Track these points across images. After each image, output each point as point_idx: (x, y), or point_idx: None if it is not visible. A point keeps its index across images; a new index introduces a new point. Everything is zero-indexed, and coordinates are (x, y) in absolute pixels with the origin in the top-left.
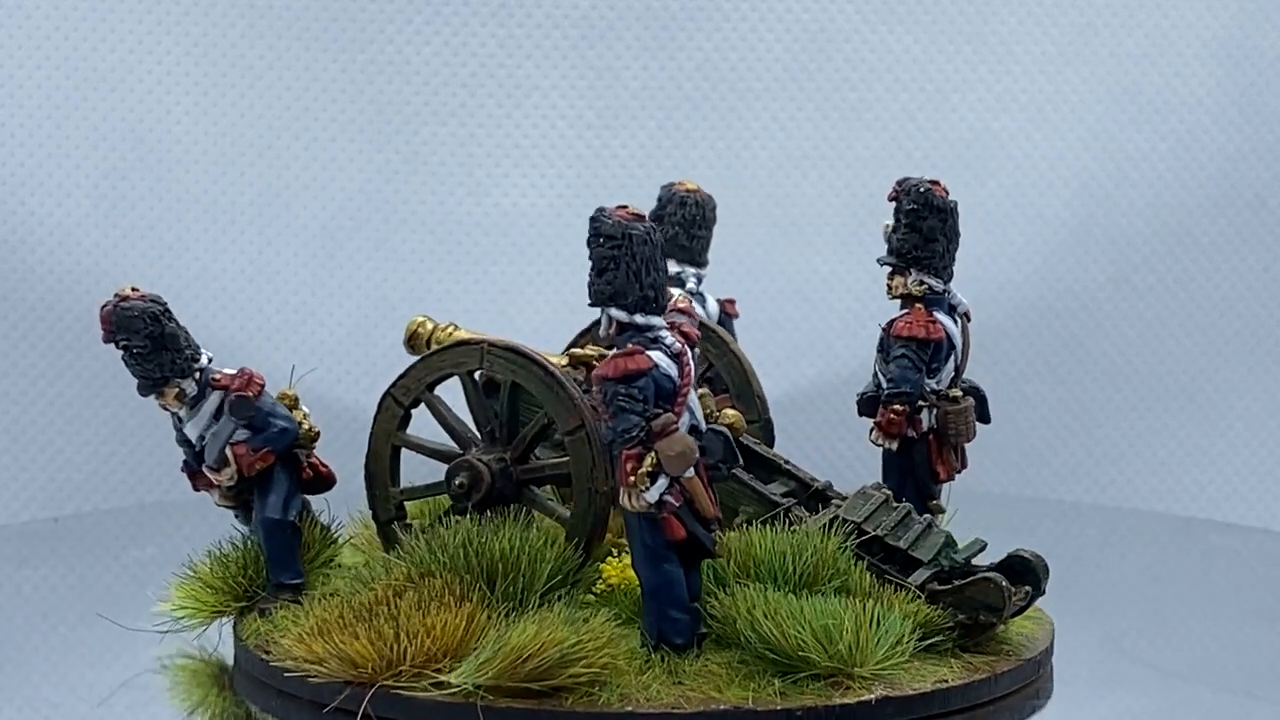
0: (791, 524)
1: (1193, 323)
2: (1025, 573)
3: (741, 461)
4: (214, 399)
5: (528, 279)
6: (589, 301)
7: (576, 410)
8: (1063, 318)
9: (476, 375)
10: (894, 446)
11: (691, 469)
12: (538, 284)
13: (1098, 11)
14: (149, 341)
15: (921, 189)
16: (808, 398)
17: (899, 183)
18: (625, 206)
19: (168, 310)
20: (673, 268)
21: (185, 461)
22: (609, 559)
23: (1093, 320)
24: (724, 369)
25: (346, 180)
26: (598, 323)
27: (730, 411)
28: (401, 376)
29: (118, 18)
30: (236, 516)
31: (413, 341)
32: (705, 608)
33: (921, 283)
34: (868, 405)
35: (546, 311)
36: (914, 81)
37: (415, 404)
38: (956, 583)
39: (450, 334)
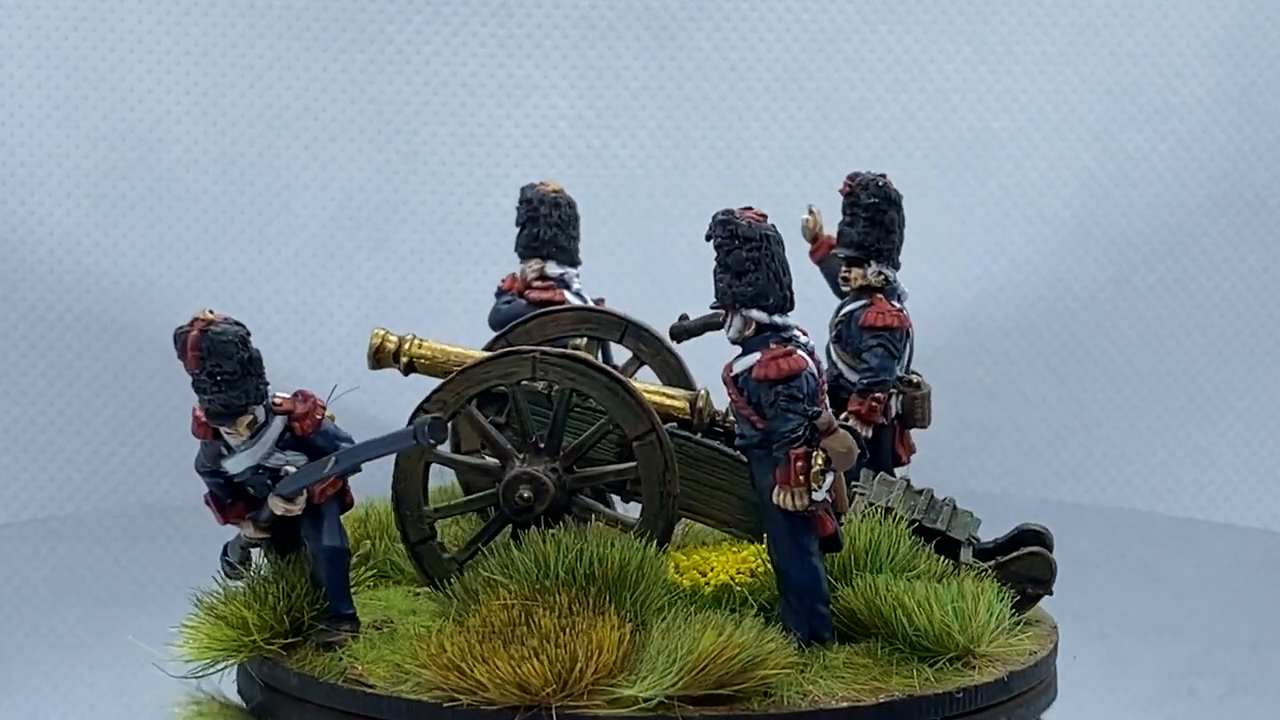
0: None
1: (1193, 323)
2: (1040, 542)
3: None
4: (277, 425)
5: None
6: (724, 303)
7: (646, 415)
8: (1063, 318)
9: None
10: (869, 434)
11: None
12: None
13: (1098, 11)
14: (239, 367)
15: (879, 182)
16: None
17: (851, 177)
18: (750, 208)
19: (249, 333)
20: (554, 269)
21: (211, 493)
22: (695, 557)
23: (1093, 320)
24: (658, 368)
25: (346, 180)
26: (509, 331)
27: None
28: (437, 390)
29: (118, 18)
30: (261, 549)
31: (378, 356)
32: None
33: (880, 274)
34: (831, 397)
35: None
36: (914, 81)
37: (453, 418)
38: (1000, 559)
39: (419, 346)
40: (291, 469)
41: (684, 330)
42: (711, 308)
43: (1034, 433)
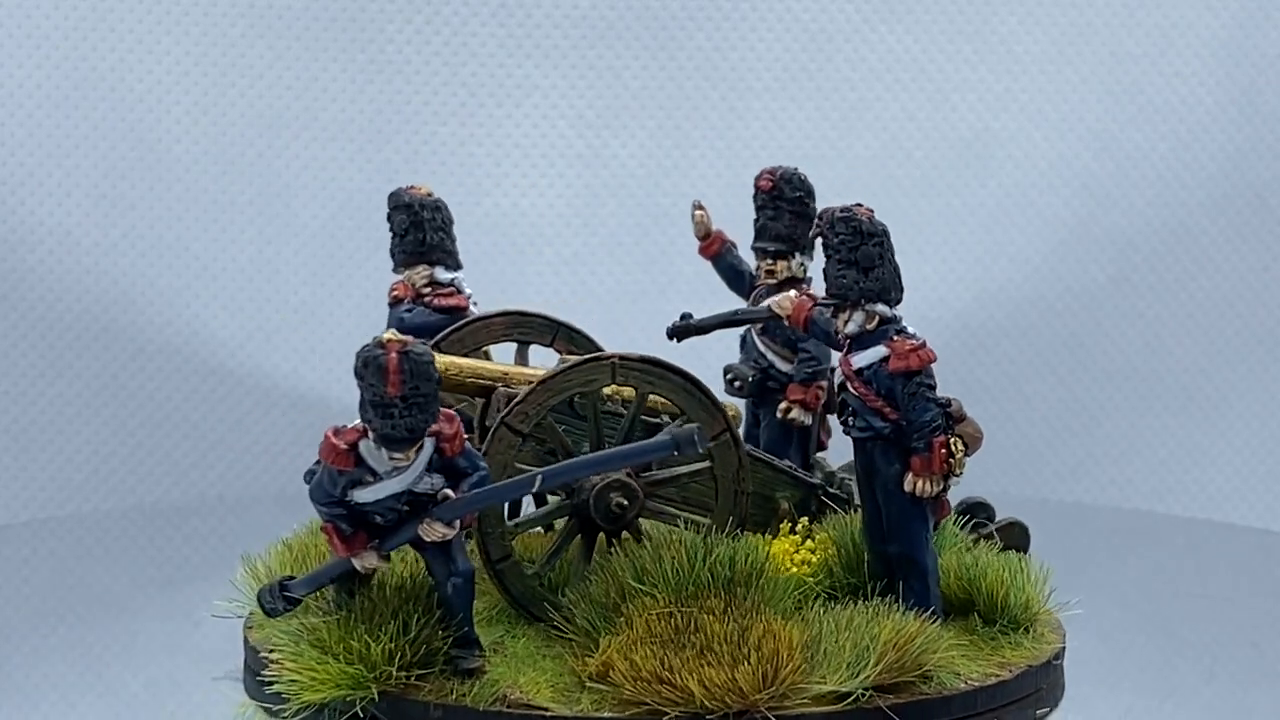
0: (827, 505)
1: (1193, 323)
2: (985, 514)
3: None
4: (429, 447)
5: (527, 279)
6: (848, 299)
7: (720, 414)
8: (1063, 318)
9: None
10: (809, 421)
11: None
12: (537, 284)
13: (1098, 11)
14: (433, 388)
15: (801, 176)
16: None
17: (771, 172)
18: (860, 204)
19: None
20: (444, 274)
21: (333, 524)
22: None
23: (1093, 320)
24: None
25: (346, 180)
26: (468, 323)
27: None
28: (519, 402)
29: (117, 17)
30: (332, 584)
31: None
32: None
33: (803, 265)
34: (758, 387)
35: (546, 311)
36: (914, 81)
37: (535, 430)
38: (980, 530)
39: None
40: (450, 493)
41: (686, 329)
42: (820, 303)
43: (1034, 433)
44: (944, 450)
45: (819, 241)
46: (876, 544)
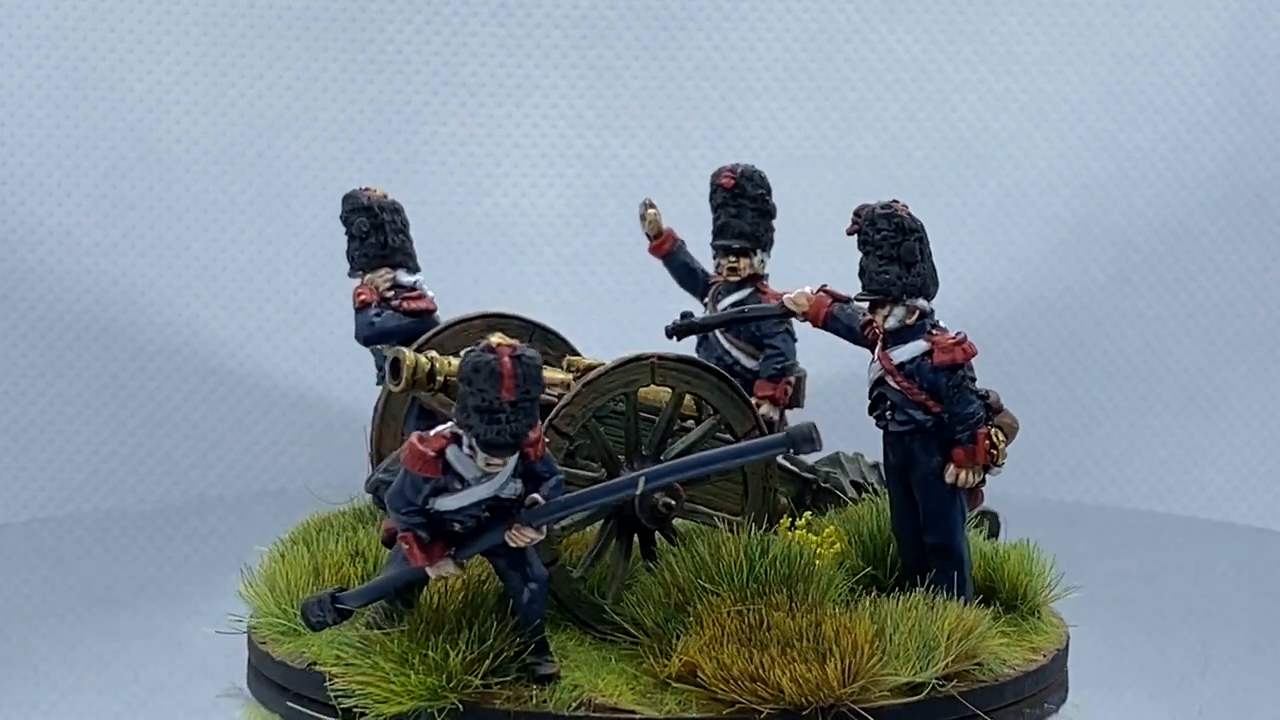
0: (823, 499)
1: (1193, 323)
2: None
3: None
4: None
5: (527, 279)
6: (890, 295)
7: (751, 412)
8: (1063, 318)
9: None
10: (777, 416)
11: None
12: (537, 284)
13: (1098, 11)
14: (540, 391)
15: (762, 174)
16: (809, 397)
17: (732, 169)
18: (896, 201)
19: None
20: (406, 277)
21: (414, 533)
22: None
23: (1093, 320)
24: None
25: (346, 180)
26: (448, 326)
27: None
28: (565, 404)
29: (117, 17)
30: (394, 599)
31: (416, 378)
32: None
33: (764, 262)
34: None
35: (546, 311)
36: (914, 81)
37: (581, 433)
38: None
39: (448, 364)
40: (538, 497)
41: (688, 328)
42: (857, 299)
43: (1034, 433)
44: (987, 441)
45: (855, 238)
46: (911, 536)
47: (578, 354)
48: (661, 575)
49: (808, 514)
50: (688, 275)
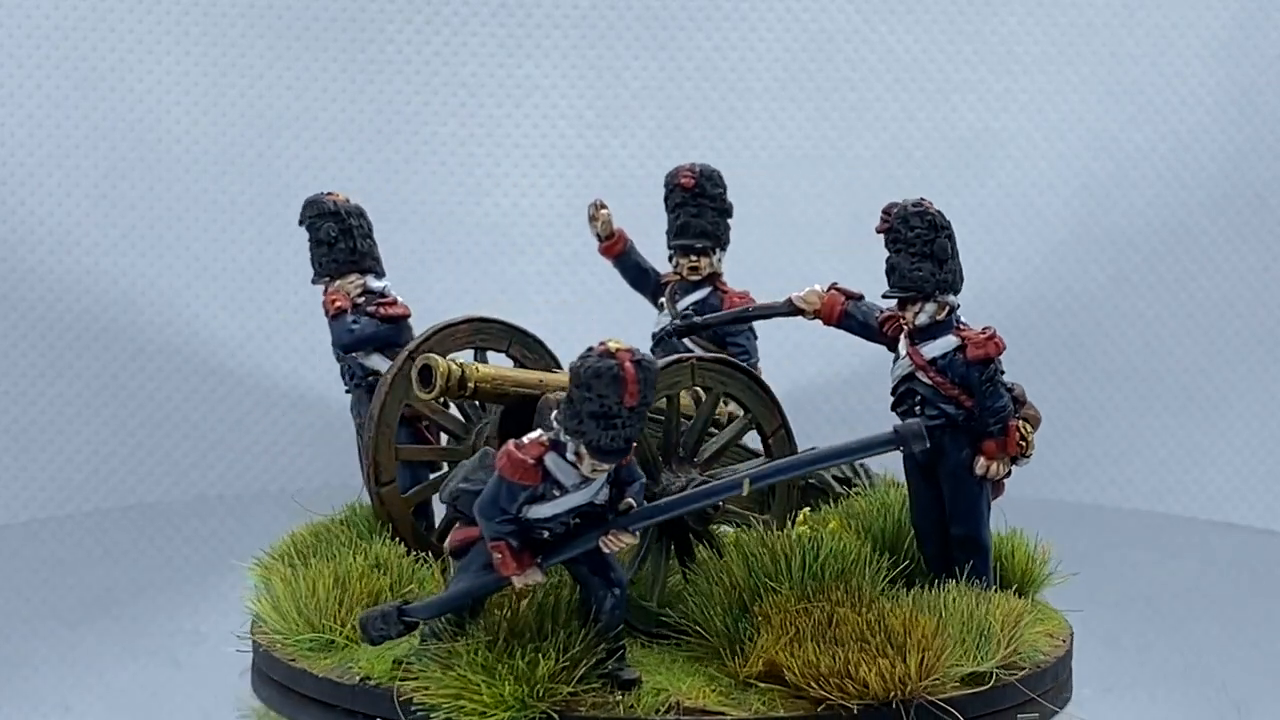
0: (811, 494)
1: (1193, 323)
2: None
3: None
4: None
5: (527, 279)
6: (922, 291)
7: (778, 410)
8: (1063, 318)
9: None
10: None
11: None
12: (537, 284)
13: (1098, 11)
14: (654, 395)
15: (719, 174)
16: (808, 396)
17: (690, 169)
18: (924, 198)
19: None
20: (375, 283)
21: (505, 542)
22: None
23: (1093, 320)
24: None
25: (346, 180)
26: (435, 331)
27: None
28: None
29: (117, 17)
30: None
31: (449, 385)
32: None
33: (721, 261)
34: None
35: (546, 311)
36: (914, 81)
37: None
38: None
39: (477, 370)
40: (631, 502)
41: (690, 327)
42: (886, 296)
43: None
44: (1016, 433)
45: (882, 236)
46: (933, 529)
47: (556, 360)
48: (720, 576)
49: (806, 510)
50: (640, 275)
